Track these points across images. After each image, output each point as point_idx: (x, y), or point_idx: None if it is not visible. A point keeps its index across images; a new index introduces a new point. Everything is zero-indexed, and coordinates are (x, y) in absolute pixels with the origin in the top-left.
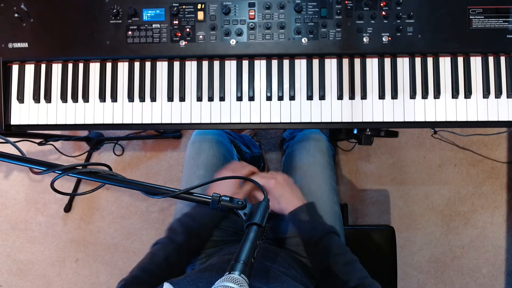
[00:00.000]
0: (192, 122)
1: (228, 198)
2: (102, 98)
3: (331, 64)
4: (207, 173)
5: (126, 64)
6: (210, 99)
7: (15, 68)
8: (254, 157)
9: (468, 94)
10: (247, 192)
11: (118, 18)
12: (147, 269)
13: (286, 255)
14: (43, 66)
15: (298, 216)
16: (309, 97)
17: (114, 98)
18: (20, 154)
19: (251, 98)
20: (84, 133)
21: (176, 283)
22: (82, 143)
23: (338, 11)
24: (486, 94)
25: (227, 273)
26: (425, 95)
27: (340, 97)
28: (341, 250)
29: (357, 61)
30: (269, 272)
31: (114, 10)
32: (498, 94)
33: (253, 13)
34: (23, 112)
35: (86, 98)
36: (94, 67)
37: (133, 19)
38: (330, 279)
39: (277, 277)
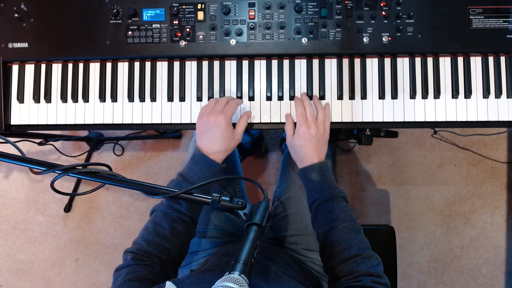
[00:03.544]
0: (192, 122)
1: (228, 198)
2: (102, 98)
3: (331, 64)
4: None
5: (126, 64)
6: (211, 99)
7: (15, 68)
8: (254, 140)
9: (468, 94)
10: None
11: (118, 18)
12: (153, 243)
13: (286, 255)
14: (43, 66)
15: (308, 174)
16: (309, 97)
17: (114, 98)
18: (20, 154)
19: (251, 98)
20: (84, 133)
21: (179, 283)
22: (82, 143)
23: (338, 11)
24: (486, 94)
25: (227, 273)
26: (425, 95)
27: (340, 97)
28: (346, 216)
29: (357, 61)
30: (269, 272)
31: (114, 10)
32: (498, 94)
33: (253, 13)
34: (23, 112)
35: (86, 98)
36: (94, 67)
37: (133, 19)
38: (330, 244)
39: (277, 276)
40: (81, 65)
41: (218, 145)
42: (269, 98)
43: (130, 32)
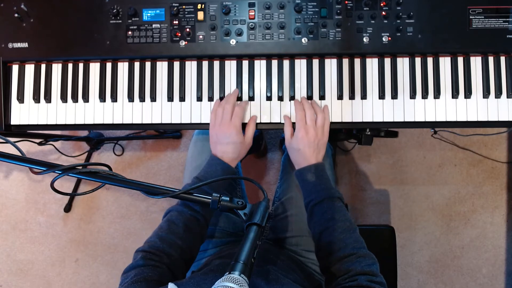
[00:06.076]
0: (192, 122)
1: (228, 198)
2: (102, 98)
3: (331, 64)
4: None
5: (126, 64)
6: (210, 99)
7: (15, 68)
8: (253, 139)
9: (468, 94)
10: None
11: (118, 18)
12: (166, 240)
13: (287, 257)
14: (43, 66)
15: (304, 175)
16: (309, 97)
17: (114, 98)
18: (20, 154)
19: (251, 98)
20: (84, 133)
21: (181, 284)
22: (82, 143)
23: (338, 11)
24: (486, 94)
25: (227, 273)
26: (425, 95)
27: (340, 97)
28: (341, 216)
29: (357, 61)
30: (269, 274)
31: (114, 10)
32: (498, 94)
33: (253, 13)
34: (23, 112)
35: (86, 98)
36: (94, 67)
37: (133, 19)
38: (325, 244)
39: (277, 279)
40: (81, 65)
41: (231, 153)
42: (269, 98)
43: (130, 32)
